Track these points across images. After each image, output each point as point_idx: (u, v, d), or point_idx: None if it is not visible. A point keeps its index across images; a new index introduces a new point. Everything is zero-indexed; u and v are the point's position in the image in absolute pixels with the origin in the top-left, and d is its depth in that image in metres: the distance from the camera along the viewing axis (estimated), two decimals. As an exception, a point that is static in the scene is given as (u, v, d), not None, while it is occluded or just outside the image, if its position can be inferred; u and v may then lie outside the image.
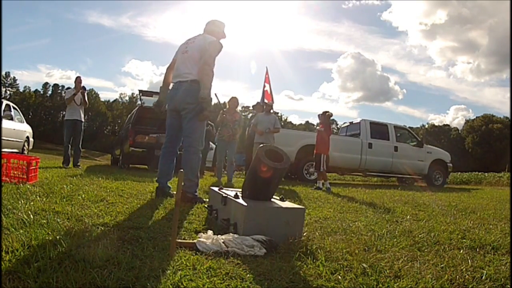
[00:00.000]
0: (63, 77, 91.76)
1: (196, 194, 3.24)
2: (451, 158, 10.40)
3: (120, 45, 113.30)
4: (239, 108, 6.80)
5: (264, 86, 9.63)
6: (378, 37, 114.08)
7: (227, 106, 6.59)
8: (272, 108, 7.18)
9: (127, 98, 75.73)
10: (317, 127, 6.58)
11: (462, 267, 1.71)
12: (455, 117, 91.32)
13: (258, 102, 8.20)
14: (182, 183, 1.95)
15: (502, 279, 1.59)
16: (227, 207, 2.29)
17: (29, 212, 2.10)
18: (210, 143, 11.24)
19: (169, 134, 3.46)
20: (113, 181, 4.21)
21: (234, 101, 6.53)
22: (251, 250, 1.76)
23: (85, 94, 7.03)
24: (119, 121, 63.39)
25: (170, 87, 3.45)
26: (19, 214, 2.04)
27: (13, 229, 1.75)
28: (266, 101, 9.06)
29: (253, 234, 1.90)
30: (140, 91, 9.36)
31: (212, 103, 3.77)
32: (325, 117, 6.39)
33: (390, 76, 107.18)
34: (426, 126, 66.69)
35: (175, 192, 3.35)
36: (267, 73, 9.87)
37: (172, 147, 3.46)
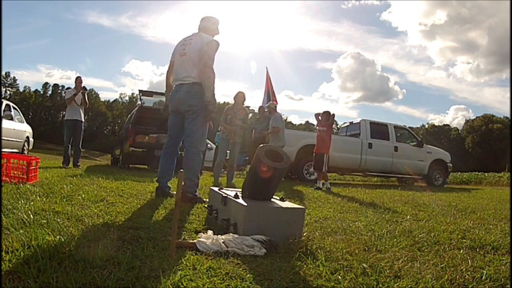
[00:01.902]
0: (63, 77, 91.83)
1: (196, 194, 3.23)
2: (451, 158, 10.39)
3: (119, 45, 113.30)
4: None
5: (268, 87, 9.60)
6: (378, 37, 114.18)
7: (233, 102, 6.24)
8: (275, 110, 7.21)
9: (127, 98, 75.71)
10: (318, 127, 6.52)
11: (462, 267, 1.71)
12: (455, 117, 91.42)
13: (261, 106, 8.10)
14: (183, 183, 1.95)
15: (502, 279, 1.59)
16: (227, 207, 2.29)
17: (29, 212, 2.10)
18: (210, 142, 11.24)
19: (170, 134, 3.47)
20: (113, 181, 4.21)
21: (240, 96, 6.10)
22: (251, 250, 1.76)
23: (86, 94, 7.03)
24: (119, 121, 63.35)
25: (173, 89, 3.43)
26: (19, 214, 2.04)
27: (13, 229, 1.75)
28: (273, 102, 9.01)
29: (253, 234, 1.90)
30: (140, 91, 9.36)
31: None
32: (329, 117, 6.39)
33: (390, 76, 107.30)
34: (426, 126, 66.71)
35: (175, 192, 3.35)
36: (268, 74, 9.85)
37: (173, 147, 3.46)
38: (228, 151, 6.28)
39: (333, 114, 6.44)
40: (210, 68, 3.14)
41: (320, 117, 6.47)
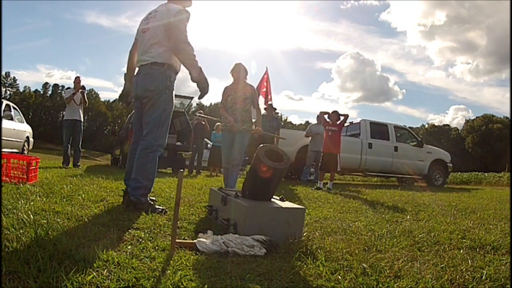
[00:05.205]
0: (63, 77, 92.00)
1: (142, 199, 2.63)
2: (451, 158, 10.39)
3: (119, 45, 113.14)
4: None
5: (264, 86, 9.58)
6: (377, 36, 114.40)
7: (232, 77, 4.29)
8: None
9: (127, 98, 75.56)
10: (326, 127, 6.44)
11: (462, 267, 1.71)
12: (454, 117, 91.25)
13: (270, 104, 8.01)
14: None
15: (502, 279, 1.59)
16: (227, 207, 2.29)
17: (29, 212, 2.10)
18: (206, 140, 11.19)
19: (135, 128, 2.95)
20: (113, 181, 4.21)
21: (239, 69, 4.19)
22: (251, 250, 1.76)
23: (85, 93, 7.04)
24: (119, 121, 63.32)
25: (136, 72, 2.90)
26: (19, 214, 2.04)
27: (13, 229, 1.75)
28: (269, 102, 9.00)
29: (253, 234, 1.91)
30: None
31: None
32: (339, 117, 6.40)
33: (389, 76, 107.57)
34: (426, 126, 66.67)
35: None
36: (266, 73, 9.83)
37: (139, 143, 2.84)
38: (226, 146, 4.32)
39: (347, 115, 6.42)
40: (185, 42, 2.64)
41: (329, 117, 6.45)
